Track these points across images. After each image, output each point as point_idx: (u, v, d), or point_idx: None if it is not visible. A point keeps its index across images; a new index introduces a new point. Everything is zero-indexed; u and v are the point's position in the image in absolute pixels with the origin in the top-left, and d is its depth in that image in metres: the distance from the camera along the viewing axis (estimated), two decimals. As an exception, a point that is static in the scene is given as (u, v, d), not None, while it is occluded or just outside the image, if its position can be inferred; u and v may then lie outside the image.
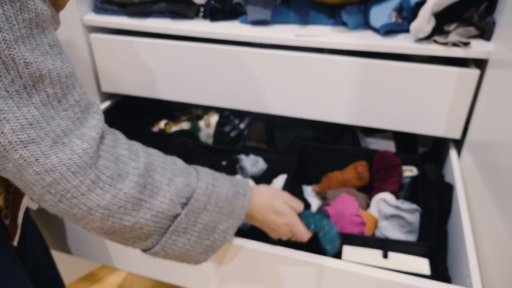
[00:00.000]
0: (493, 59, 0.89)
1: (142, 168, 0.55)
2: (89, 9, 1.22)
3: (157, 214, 0.56)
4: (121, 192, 0.52)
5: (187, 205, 0.59)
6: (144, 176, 0.55)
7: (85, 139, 0.49)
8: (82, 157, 0.48)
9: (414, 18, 0.94)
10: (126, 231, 0.56)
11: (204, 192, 0.61)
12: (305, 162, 1.16)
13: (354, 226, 0.87)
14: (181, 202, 0.59)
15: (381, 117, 1.06)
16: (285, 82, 1.08)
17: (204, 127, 1.32)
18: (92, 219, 0.53)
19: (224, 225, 0.64)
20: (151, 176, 0.56)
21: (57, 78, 0.48)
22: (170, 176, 0.58)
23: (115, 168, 0.52)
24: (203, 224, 0.61)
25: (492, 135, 0.83)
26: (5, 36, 0.42)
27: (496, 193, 0.75)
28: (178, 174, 0.60)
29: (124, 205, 0.53)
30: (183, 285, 0.93)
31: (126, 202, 0.53)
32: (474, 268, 0.74)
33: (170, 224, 0.59)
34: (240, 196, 0.66)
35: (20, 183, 0.49)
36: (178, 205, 0.58)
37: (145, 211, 0.55)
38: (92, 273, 1.52)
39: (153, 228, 0.58)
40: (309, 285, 0.79)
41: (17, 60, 0.44)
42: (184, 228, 0.60)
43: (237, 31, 1.08)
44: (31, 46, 0.45)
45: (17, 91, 0.44)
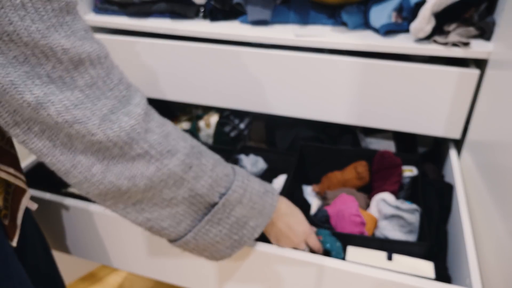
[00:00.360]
0: (493, 59, 0.89)
1: (189, 149, 0.57)
2: (89, 9, 1.22)
3: (195, 196, 0.58)
4: (166, 168, 0.54)
5: (225, 195, 0.61)
6: (191, 157, 0.57)
7: (132, 115, 0.51)
8: (129, 134, 0.51)
9: (414, 18, 0.94)
10: (163, 205, 0.58)
11: (241, 184, 0.62)
12: (305, 162, 1.16)
13: (354, 226, 0.87)
14: (219, 191, 0.60)
15: (381, 117, 1.06)
16: (285, 82, 1.08)
17: (204, 127, 1.32)
18: (135, 191, 0.55)
19: (254, 222, 0.65)
20: (198, 159, 0.58)
21: (97, 59, 0.50)
22: (214, 163, 0.60)
23: (165, 144, 0.54)
24: (236, 218, 0.63)
25: (492, 135, 0.83)
26: (38, 27, 0.44)
27: (496, 193, 0.75)
28: (219, 163, 0.62)
29: (166, 179, 0.55)
30: (183, 285, 0.93)
31: (168, 177, 0.55)
32: (474, 268, 0.74)
33: (205, 212, 0.61)
34: (269, 195, 0.68)
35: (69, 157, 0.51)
36: (216, 193, 0.60)
37: (184, 190, 0.57)
38: (92, 273, 1.52)
39: (188, 210, 0.59)
40: (309, 285, 0.79)
41: (54, 48, 0.45)
42: (218, 219, 0.61)
43: (237, 31, 1.08)
44: (66, 33, 0.46)
45: (60, 76, 0.47)
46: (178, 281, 0.93)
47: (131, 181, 0.54)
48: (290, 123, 1.23)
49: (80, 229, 0.96)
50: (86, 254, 1.01)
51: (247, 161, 1.13)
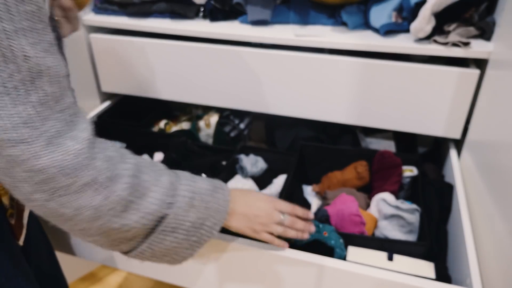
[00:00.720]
0: (493, 59, 0.89)
1: (132, 169, 0.54)
2: (89, 9, 1.22)
3: (145, 216, 0.56)
4: (114, 194, 0.52)
5: (174, 204, 0.59)
6: (135, 177, 0.54)
7: (78, 140, 0.48)
8: (77, 157, 0.48)
9: (414, 18, 0.94)
10: (112, 233, 0.55)
11: (188, 188, 0.60)
12: (305, 162, 1.16)
13: (354, 226, 0.87)
14: (168, 201, 0.58)
15: (381, 117, 1.06)
16: (285, 82, 1.08)
17: (204, 127, 1.32)
18: (80, 220, 0.52)
19: (211, 221, 0.63)
20: (139, 177, 0.55)
21: (56, 77, 0.47)
22: (156, 176, 0.58)
23: (112, 168, 0.51)
24: (191, 222, 0.61)
25: (492, 135, 0.83)
26: (5, 27, 0.41)
27: (496, 193, 0.75)
28: (162, 174, 0.59)
29: (115, 206, 0.52)
30: (183, 285, 0.93)
31: (117, 204, 0.52)
32: (474, 268, 0.74)
33: (156, 224, 0.58)
34: (220, 190, 0.66)
35: (9, 180, 0.48)
36: (165, 204, 0.58)
37: (133, 212, 0.55)
38: (92, 273, 1.52)
39: (141, 229, 0.57)
40: (309, 285, 0.79)
41: (16, 52, 0.43)
42: (172, 228, 0.59)
43: (237, 31, 1.08)
44: (33, 40, 0.44)
45: (15, 87, 0.43)
46: (178, 281, 0.93)
47: (77, 211, 0.50)
48: (290, 123, 1.23)
49: (80, 229, 0.96)
50: (86, 254, 1.01)
51: (247, 161, 1.13)
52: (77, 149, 0.48)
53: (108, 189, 0.51)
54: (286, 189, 0.99)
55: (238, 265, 0.83)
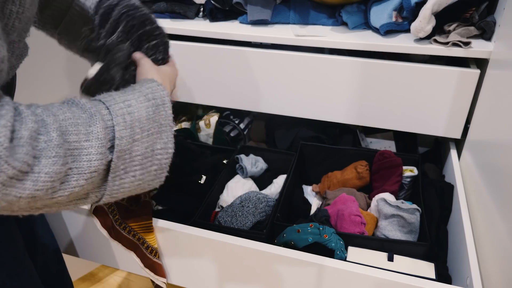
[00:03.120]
0: (494, 58, 0.89)
1: (55, 137, 0.47)
2: (89, 9, 1.22)
3: (90, 176, 0.50)
4: (42, 174, 0.45)
5: (114, 147, 0.53)
6: (60, 146, 0.47)
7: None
8: None
9: (414, 18, 0.94)
10: (62, 202, 0.51)
11: (124, 126, 0.54)
12: (305, 162, 1.16)
13: (354, 226, 0.87)
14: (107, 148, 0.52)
15: (381, 117, 1.05)
16: (285, 82, 1.08)
17: (204, 127, 1.32)
18: (19, 206, 0.46)
19: (160, 144, 0.58)
20: (66, 141, 0.48)
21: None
22: (85, 129, 0.50)
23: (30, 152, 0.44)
24: (140, 155, 0.56)
25: (492, 135, 0.83)
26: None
27: (496, 193, 0.75)
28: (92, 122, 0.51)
29: (51, 185, 0.47)
30: (183, 285, 0.93)
31: (53, 182, 0.46)
32: (474, 268, 0.74)
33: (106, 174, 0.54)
34: (161, 108, 0.59)
35: None
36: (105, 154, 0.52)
37: (76, 178, 0.49)
38: (92, 273, 1.52)
39: (91, 186, 0.53)
40: (309, 285, 0.79)
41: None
42: (123, 170, 0.55)
43: (237, 31, 1.08)
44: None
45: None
46: (178, 281, 0.93)
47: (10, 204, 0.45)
48: (290, 123, 1.23)
49: (80, 230, 0.96)
50: (86, 255, 1.01)
51: (247, 161, 1.13)
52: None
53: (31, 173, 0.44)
54: (286, 189, 0.99)
55: (238, 265, 0.83)
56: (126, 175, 0.55)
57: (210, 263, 0.85)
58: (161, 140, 0.58)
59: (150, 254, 0.87)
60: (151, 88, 0.59)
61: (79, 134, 0.50)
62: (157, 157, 0.58)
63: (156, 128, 0.58)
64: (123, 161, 0.54)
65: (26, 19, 0.55)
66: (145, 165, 0.57)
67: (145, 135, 0.56)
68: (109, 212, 0.88)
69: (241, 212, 0.94)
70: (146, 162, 0.57)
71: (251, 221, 0.93)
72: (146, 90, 0.58)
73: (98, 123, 0.51)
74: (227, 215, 0.95)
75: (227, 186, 1.09)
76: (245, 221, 0.93)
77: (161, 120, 0.58)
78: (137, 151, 0.55)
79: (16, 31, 0.53)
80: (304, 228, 0.83)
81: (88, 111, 0.52)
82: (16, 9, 0.51)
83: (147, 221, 0.86)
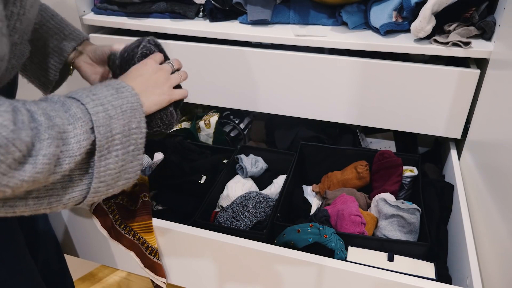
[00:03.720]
0: (494, 58, 0.89)
1: (44, 121, 0.48)
2: (89, 9, 1.22)
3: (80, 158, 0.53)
4: (40, 157, 0.47)
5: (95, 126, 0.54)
6: (51, 127, 0.49)
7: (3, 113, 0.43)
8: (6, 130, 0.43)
9: (414, 18, 0.94)
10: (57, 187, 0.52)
11: (95, 103, 0.55)
12: (305, 162, 1.16)
13: (354, 226, 0.87)
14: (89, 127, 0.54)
15: (381, 117, 1.05)
16: (285, 82, 1.08)
17: (204, 127, 1.32)
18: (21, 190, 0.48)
19: (134, 122, 0.60)
20: (55, 124, 0.50)
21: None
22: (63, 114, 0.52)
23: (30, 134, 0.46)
24: (120, 133, 0.58)
25: (492, 135, 0.83)
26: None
27: (496, 193, 0.75)
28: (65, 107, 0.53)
29: (49, 167, 0.48)
30: (183, 285, 0.93)
31: (50, 164, 0.48)
32: (474, 268, 0.74)
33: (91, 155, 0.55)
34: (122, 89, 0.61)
35: None
36: (88, 133, 0.53)
37: (68, 160, 0.51)
38: (92, 273, 1.52)
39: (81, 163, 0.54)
40: (309, 285, 0.79)
41: None
42: (107, 149, 0.56)
43: (237, 31, 1.08)
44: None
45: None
46: (178, 281, 0.93)
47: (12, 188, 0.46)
48: (290, 123, 1.23)
49: (80, 230, 0.96)
50: (86, 255, 1.01)
51: (247, 161, 1.13)
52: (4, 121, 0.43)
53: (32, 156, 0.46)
54: (286, 189, 0.99)
55: (238, 265, 0.83)
56: (110, 154, 0.57)
57: (210, 263, 0.85)
58: (135, 119, 0.60)
59: (150, 254, 0.87)
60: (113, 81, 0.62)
61: (62, 119, 0.51)
62: (133, 136, 0.60)
63: (129, 105, 0.59)
64: (106, 139, 0.55)
65: (27, 21, 0.55)
66: (124, 144, 0.59)
67: (119, 112, 0.58)
68: (109, 212, 0.88)
69: (241, 212, 0.94)
70: (125, 141, 0.58)
71: (251, 221, 0.93)
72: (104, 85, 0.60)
73: (72, 106, 0.53)
74: (227, 215, 0.95)
75: (227, 186, 1.09)
76: (245, 221, 0.93)
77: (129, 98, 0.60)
78: (116, 129, 0.57)
79: (18, 32, 0.54)
80: (304, 228, 0.83)
81: (58, 102, 0.53)
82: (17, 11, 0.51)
83: (147, 221, 0.86)
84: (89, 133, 0.53)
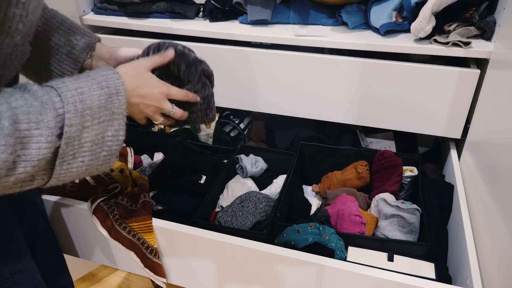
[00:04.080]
0: (494, 58, 0.89)
1: (7, 126, 0.48)
2: (89, 9, 1.22)
3: (38, 163, 0.52)
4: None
5: (63, 134, 0.53)
6: (11, 134, 0.48)
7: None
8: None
9: (414, 18, 0.94)
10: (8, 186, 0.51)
11: (75, 114, 0.54)
12: (305, 162, 1.16)
13: (354, 226, 0.87)
14: (57, 134, 0.53)
15: (381, 117, 1.05)
16: (285, 82, 1.08)
17: (204, 127, 1.32)
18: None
19: (111, 131, 0.59)
20: (17, 129, 0.49)
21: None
22: (36, 117, 0.51)
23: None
24: (90, 142, 0.57)
25: (492, 135, 0.83)
26: None
27: (496, 193, 0.75)
28: (43, 110, 0.52)
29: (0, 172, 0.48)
30: (183, 285, 0.93)
31: (1, 169, 0.48)
32: (474, 268, 0.74)
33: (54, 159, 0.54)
34: (114, 97, 0.59)
35: None
36: (55, 139, 0.53)
37: (23, 165, 0.50)
38: (92, 273, 1.52)
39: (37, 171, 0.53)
40: (309, 285, 0.79)
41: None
42: (72, 155, 0.55)
43: (237, 31, 1.08)
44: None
45: None
46: (178, 281, 0.93)
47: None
48: (290, 123, 1.23)
49: (80, 230, 0.96)
50: (86, 255, 1.01)
51: (247, 161, 1.13)
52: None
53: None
54: (286, 189, 0.99)
55: (238, 265, 0.83)
56: (74, 160, 0.56)
57: (210, 263, 0.85)
58: (113, 128, 0.59)
59: (150, 254, 0.87)
60: (105, 76, 0.59)
61: (30, 123, 0.50)
62: (108, 143, 0.59)
63: (108, 116, 0.58)
64: (72, 147, 0.55)
65: (30, 23, 0.55)
66: (95, 151, 0.58)
67: (96, 123, 0.57)
68: (109, 212, 0.88)
69: (241, 212, 0.94)
70: (96, 149, 0.57)
71: (251, 221, 0.93)
72: (100, 78, 0.59)
73: (49, 111, 0.52)
74: (227, 215, 0.95)
75: (227, 186, 1.09)
76: (245, 221, 0.93)
77: (113, 108, 0.59)
78: (86, 138, 0.56)
79: (20, 34, 0.54)
80: (304, 228, 0.83)
81: (39, 99, 0.52)
82: (20, 12, 0.51)
83: (147, 221, 0.86)
84: (55, 141, 0.52)
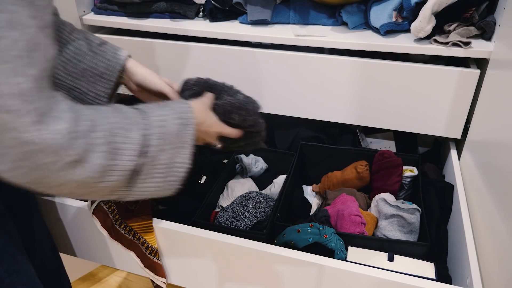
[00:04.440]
0: (494, 58, 0.89)
1: (104, 136, 0.54)
2: (89, 9, 1.22)
3: (126, 174, 0.57)
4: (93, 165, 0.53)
5: (147, 153, 0.59)
6: (107, 143, 0.54)
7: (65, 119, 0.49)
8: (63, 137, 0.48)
9: (414, 17, 0.94)
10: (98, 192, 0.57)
11: (159, 136, 0.61)
12: (305, 162, 1.16)
13: (354, 226, 0.87)
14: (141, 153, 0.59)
15: (381, 117, 1.05)
16: (285, 82, 1.08)
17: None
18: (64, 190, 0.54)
19: (181, 158, 0.65)
20: (114, 141, 0.55)
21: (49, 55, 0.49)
22: (128, 133, 0.58)
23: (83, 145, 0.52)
24: (164, 164, 0.63)
25: (492, 135, 0.83)
26: None
27: (496, 193, 0.75)
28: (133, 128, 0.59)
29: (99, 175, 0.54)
30: (183, 285, 0.93)
31: (97, 172, 0.53)
32: (474, 268, 0.74)
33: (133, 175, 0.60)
34: (188, 128, 0.66)
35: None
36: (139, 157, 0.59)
37: (111, 172, 0.56)
38: (92, 273, 1.52)
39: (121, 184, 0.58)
40: (309, 285, 0.79)
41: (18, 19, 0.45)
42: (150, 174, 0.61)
43: (237, 31, 1.07)
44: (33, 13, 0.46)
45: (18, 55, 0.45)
46: (178, 281, 0.93)
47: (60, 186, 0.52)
48: (290, 123, 1.23)
49: (80, 230, 0.96)
50: (87, 255, 1.01)
51: (247, 161, 1.13)
52: (65, 128, 0.49)
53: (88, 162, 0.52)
54: (286, 189, 0.99)
55: (238, 265, 0.83)
56: (152, 179, 0.62)
57: (210, 263, 0.85)
58: (182, 155, 0.65)
59: (150, 254, 0.87)
60: (182, 108, 0.67)
61: (123, 137, 0.57)
62: (176, 169, 0.65)
63: (180, 144, 0.65)
64: (152, 166, 0.61)
65: None
66: (166, 173, 0.64)
67: (170, 148, 0.63)
68: (109, 212, 0.88)
69: (241, 212, 0.94)
70: (167, 171, 0.64)
71: (251, 221, 0.93)
72: (178, 109, 0.66)
73: (138, 130, 0.59)
74: (227, 215, 0.95)
75: (227, 186, 1.09)
76: (245, 221, 0.93)
77: (185, 137, 0.65)
78: (163, 160, 0.62)
79: None
80: (304, 228, 0.83)
81: (131, 119, 0.60)
82: None
83: (147, 221, 0.86)
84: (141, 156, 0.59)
